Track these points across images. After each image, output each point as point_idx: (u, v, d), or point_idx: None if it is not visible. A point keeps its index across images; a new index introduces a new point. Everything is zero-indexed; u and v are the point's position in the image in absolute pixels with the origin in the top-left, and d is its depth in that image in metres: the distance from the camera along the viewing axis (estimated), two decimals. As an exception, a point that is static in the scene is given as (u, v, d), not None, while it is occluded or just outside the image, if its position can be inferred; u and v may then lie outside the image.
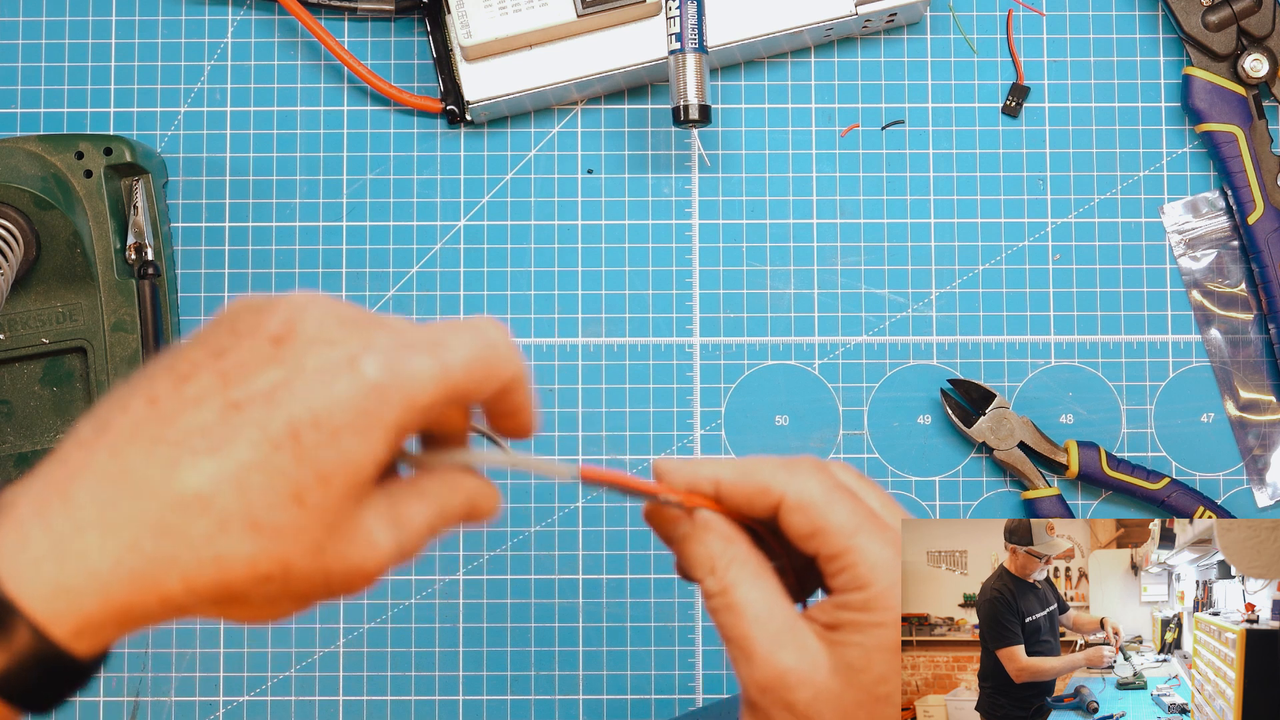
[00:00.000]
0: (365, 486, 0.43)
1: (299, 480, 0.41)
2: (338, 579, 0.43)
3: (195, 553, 0.41)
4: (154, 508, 0.41)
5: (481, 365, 0.44)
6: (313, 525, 0.42)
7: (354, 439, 0.42)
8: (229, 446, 0.41)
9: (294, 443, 0.41)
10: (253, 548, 0.41)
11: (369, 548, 0.43)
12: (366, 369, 0.42)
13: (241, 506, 0.41)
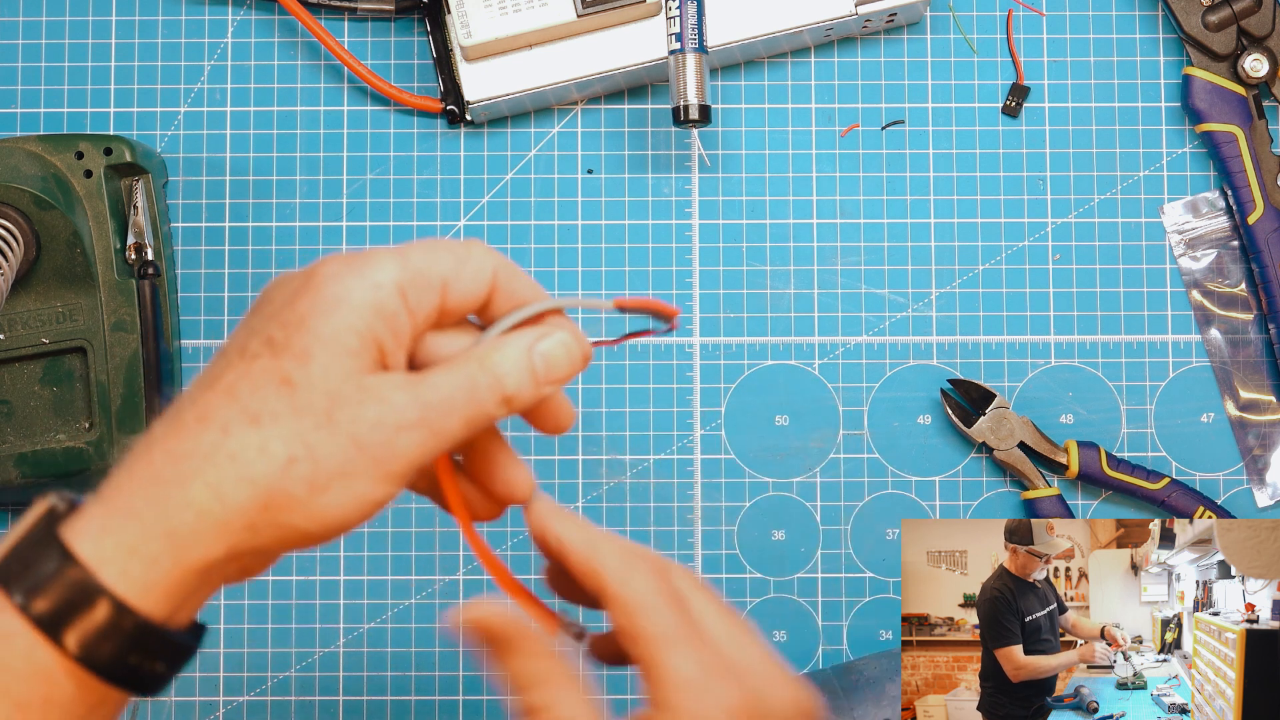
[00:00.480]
0: (355, 355, 0.46)
1: (280, 368, 0.45)
2: (367, 438, 0.45)
3: (208, 459, 0.44)
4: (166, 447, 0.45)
5: (442, 249, 0.48)
6: (310, 401, 0.45)
7: (320, 318, 0.45)
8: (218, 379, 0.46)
9: (269, 346, 0.46)
10: (258, 437, 0.44)
11: (379, 404, 0.45)
12: (323, 268, 0.47)
13: (238, 409, 0.45)
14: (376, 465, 0.45)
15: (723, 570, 0.81)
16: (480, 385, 0.47)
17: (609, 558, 0.50)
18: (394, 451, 0.45)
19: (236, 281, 0.83)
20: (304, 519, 0.45)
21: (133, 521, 0.44)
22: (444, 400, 0.46)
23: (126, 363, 0.77)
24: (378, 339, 0.46)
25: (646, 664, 0.49)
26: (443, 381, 0.47)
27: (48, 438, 0.77)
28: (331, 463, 0.45)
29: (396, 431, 0.45)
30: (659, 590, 0.49)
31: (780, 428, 0.82)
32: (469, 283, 0.48)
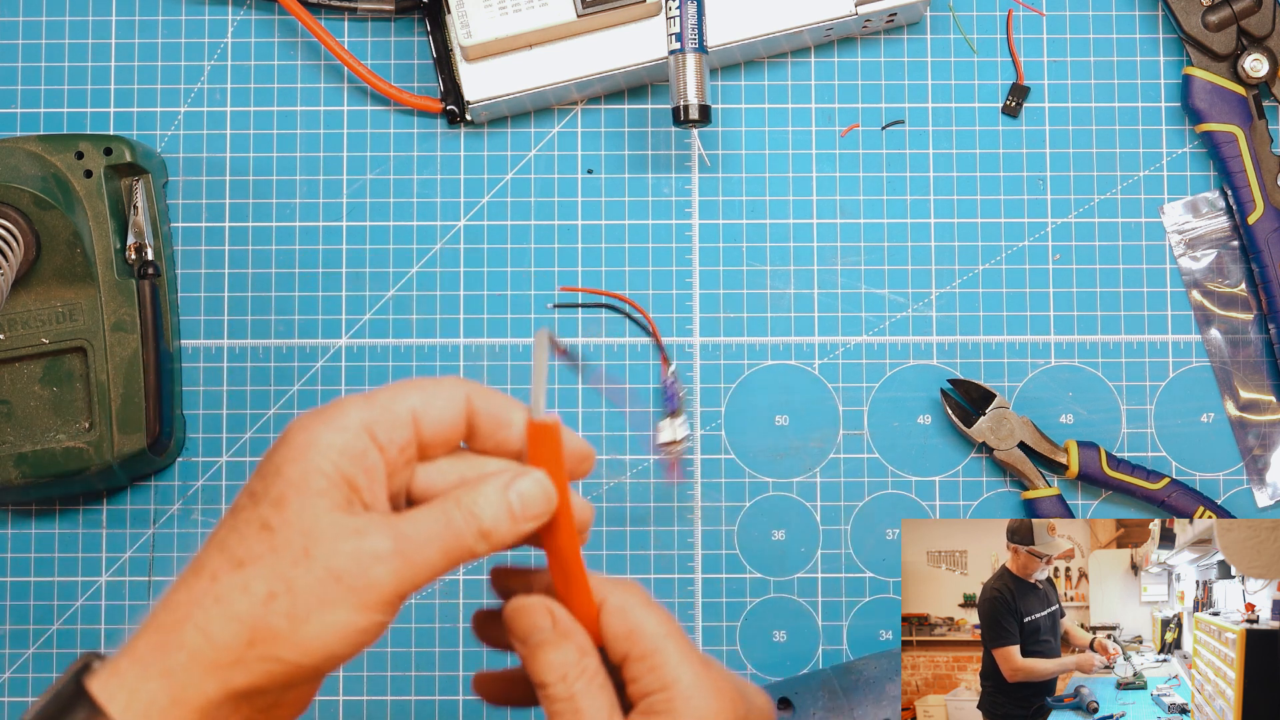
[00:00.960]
0: (325, 495, 0.49)
1: (259, 515, 0.49)
2: (343, 570, 0.48)
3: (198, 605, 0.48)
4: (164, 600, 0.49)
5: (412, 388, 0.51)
6: (288, 541, 0.48)
7: (293, 465, 0.49)
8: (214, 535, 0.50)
9: (251, 497, 0.49)
10: (241, 577, 0.48)
11: (355, 539, 0.48)
12: (294, 422, 0.50)
13: (225, 557, 0.49)
14: (354, 594, 0.48)
15: (723, 570, 0.81)
16: (457, 523, 0.50)
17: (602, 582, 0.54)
18: (370, 581, 0.48)
19: (236, 281, 0.83)
20: (289, 650, 0.48)
21: (136, 666, 0.48)
22: (420, 534, 0.49)
23: (126, 363, 0.77)
24: (347, 478, 0.49)
25: (648, 654, 0.52)
26: (421, 517, 0.50)
27: (48, 438, 0.77)
28: (310, 595, 0.48)
29: (373, 562, 0.48)
30: (650, 600, 0.54)
31: (780, 428, 0.82)
32: (441, 411, 0.52)
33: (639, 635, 0.53)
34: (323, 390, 0.82)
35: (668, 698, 0.52)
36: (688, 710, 0.52)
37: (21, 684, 0.81)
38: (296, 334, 0.82)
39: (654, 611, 0.53)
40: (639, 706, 0.52)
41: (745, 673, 0.81)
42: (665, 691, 0.52)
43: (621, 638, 0.53)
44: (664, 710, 0.52)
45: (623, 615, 0.53)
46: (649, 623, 0.53)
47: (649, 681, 0.52)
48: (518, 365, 0.82)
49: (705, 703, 0.52)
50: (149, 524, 0.82)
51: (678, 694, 0.52)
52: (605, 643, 0.53)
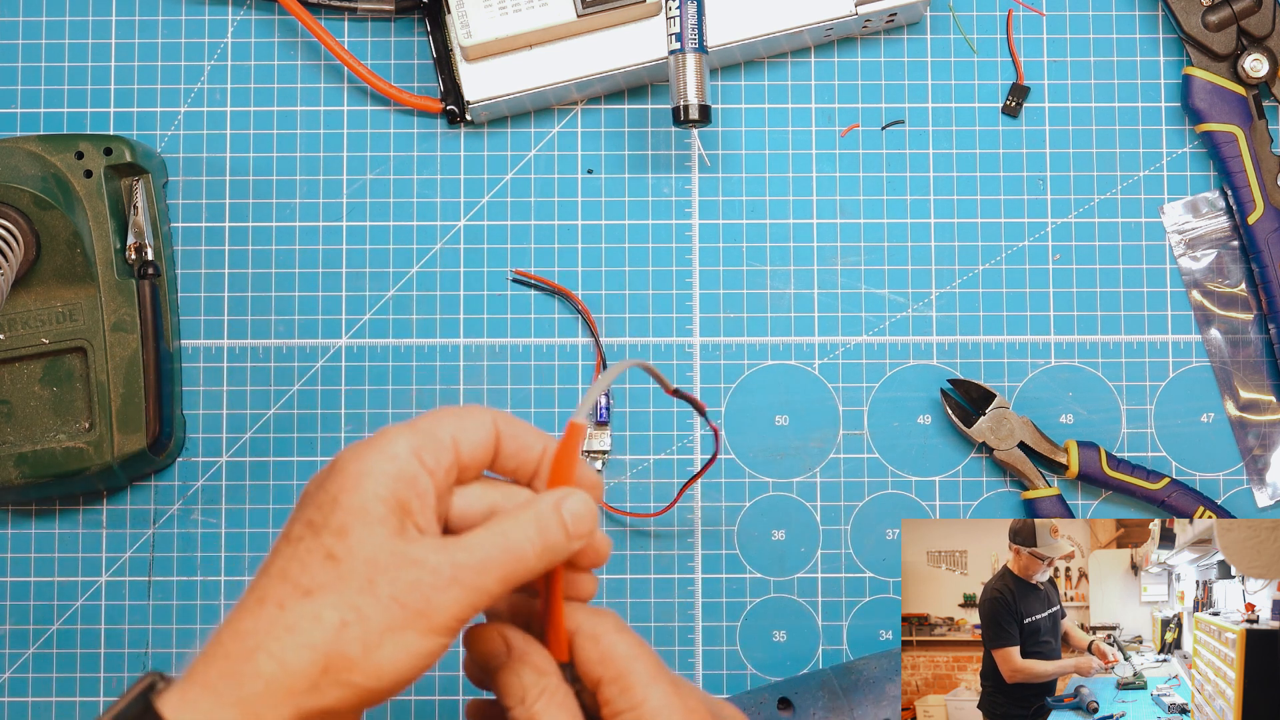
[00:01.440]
0: (385, 523, 0.50)
1: (322, 545, 0.50)
2: (414, 602, 0.50)
3: (269, 634, 0.49)
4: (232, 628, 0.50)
5: (449, 416, 0.53)
6: (353, 570, 0.50)
7: (350, 495, 0.51)
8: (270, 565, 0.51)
9: (310, 528, 0.51)
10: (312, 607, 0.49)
11: (417, 567, 0.50)
12: (343, 454, 0.52)
13: (290, 586, 0.50)
14: (421, 619, 0.50)
15: (723, 570, 0.81)
16: (517, 546, 0.52)
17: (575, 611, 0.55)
18: (435, 608, 0.50)
19: (236, 281, 0.83)
20: (363, 676, 0.50)
21: (208, 693, 0.49)
22: (479, 560, 0.51)
23: (126, 363, 0.77)
24: (403, 502, 0.51)
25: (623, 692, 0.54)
26: (477, 543, 0.52)
27: (48, 438, 0.77)
28: (380, 622, 0.49)
29: (434, 591, 0.50)
30: (623, 627, 0.55)
31: (780, 428, 0.82)
32: (475, 435, 0.54)
33: (610, 659, 0.54)
34: (322, 390, 0.82)
35: (636, 716, 0.53)
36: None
37: (21, 684, 0.81)
38: (296, 334, 0.82)
39: (625, 636, 0.55)
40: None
41: (745, 673, 0.81)
42: (634, 711, 0.53)
43: (595, 663, 0.54)
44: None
45: (595, 641, 0.54)
46: (620, 646, 0.54)
47: (619, 702, 0.53)
48: (518, 365, 0.82)
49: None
50: (149, 524, 0.82)
51: (646, 712, 0.53)
52: (580, 668, 0.54)
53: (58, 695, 0.81)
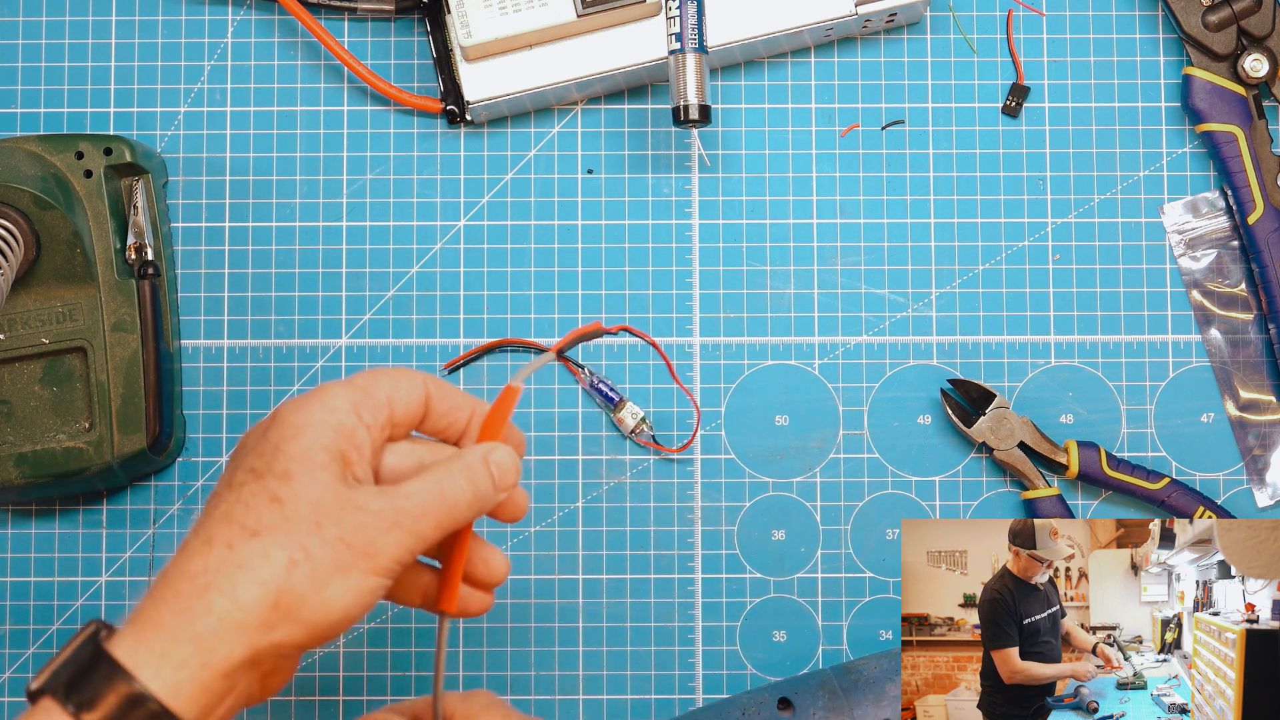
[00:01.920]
0: (327, 469, 0.53)
1: (266, 489, 0.52)
2: (352, 537, 0.52)
3: (219, 573, 0.51)
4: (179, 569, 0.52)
5: (384, 375, 0.56)
6: (298, 512, 0.52)
7: (292, 442, 0.53)
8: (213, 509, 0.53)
9: (253, 473, 0.53)
10: (260, 545, 0.51)
11: (359, 511, 0.52)
12: (286, 406, 0.54)
13: (237, 527, 0.52)
14: (365, 559, 0.52)
15: (723, 570, 0.81)
16: (450, 492, 0.55)
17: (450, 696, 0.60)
18: (378, 548, 0.52)
19: (236, 281, 0.83)
20: (312, 612, 0.52)
21: (162, 633, 0.51)
22: (417, 506, 0.54)
23: (126, 363, 0.77)
24: (342, 452, 0.54)
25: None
26: (414, 490, 0.54)
27: (48, 438, 0.77)
28: (327, 561, 0.52)
29: (377, 533, 0.53)
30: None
31: (780, 428, 0.82)
32: (408, 394, 0.57)
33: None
34: (323, 390, 0.82)
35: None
36: None
37: (21, 684, 0.81)
38: (296, 334, 0.82)
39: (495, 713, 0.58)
40: None
41: (745, 673, 0.81)
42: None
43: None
44: None
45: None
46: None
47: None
48: (517, 364, 0.82)
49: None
50: (149, 524, 0.82)
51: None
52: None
53: (58, 695, 0.81)
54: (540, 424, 0.82)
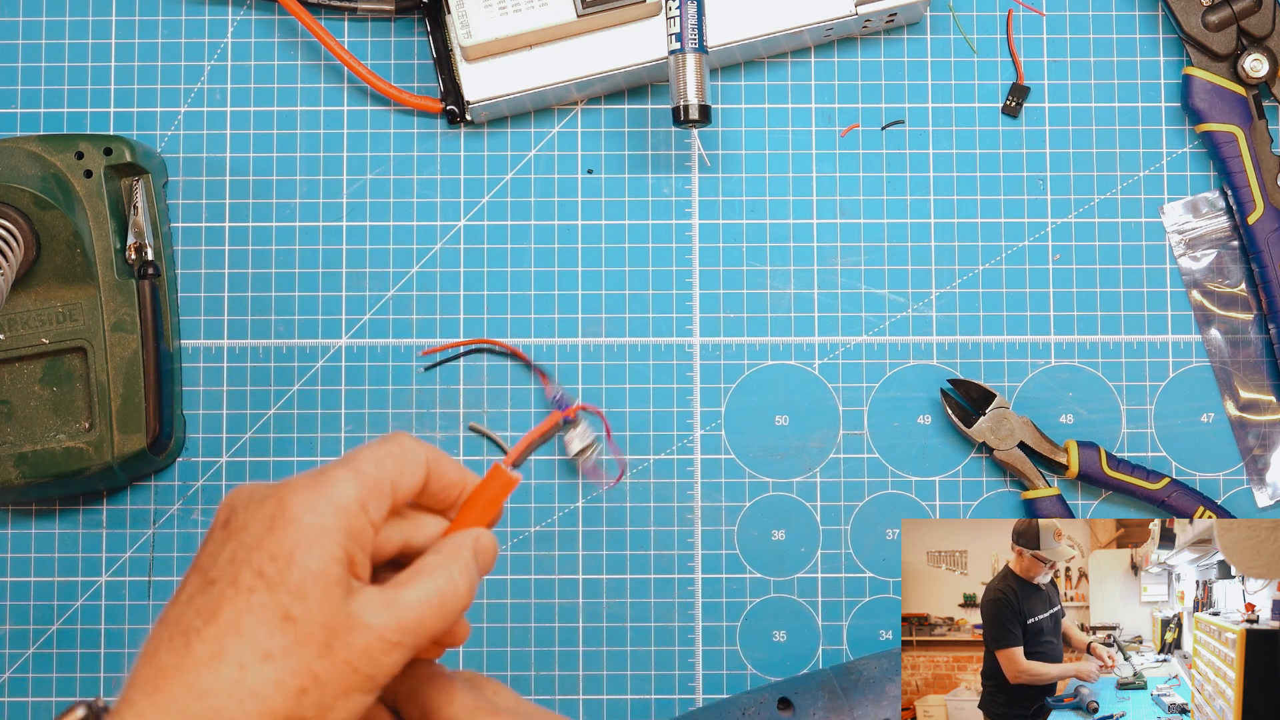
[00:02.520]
0: (339, 584, 0.52)
1: (279, 604, 0.51)
2: (362, 664, 0.52)
3: (232, 697, 0.50)
4: (185, 680, 0.50)
5: (388, 458, 0.54)
6: (311, 633, 0.51)
7: (306, 553, 0.51)
8: (218, 610, 0.51)
9: (262, 580, 0.51)
10: (274, 672, 0.50)
11: (366, 631, 0.52)
12: (292, 501, 0.52)
13: (249, 646, 0.50)
14: (368, 681, 0.52)
15: (723, 570, 0.81)
16: (447, 601, 0.54)
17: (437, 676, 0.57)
18: (380, 669, 0.52)
19: (236, 281, 0.83)
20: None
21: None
22: (418, 620, 0.53)
23: (126, 363, 0.77)
24: (351, 556, 0.53)
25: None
26: (414, 600, 0.53)
27: (48, 438, 0.77)
28: (334, 687, 0.51)
29: (381, 655, 0.52)
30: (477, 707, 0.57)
31: (780, 428, 0.82)
32: (410, 479, 0.55)
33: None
34: (322, 390, 0.82)
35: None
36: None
37: (21, 684, 0.81)
38: (296, 334, 0.82)
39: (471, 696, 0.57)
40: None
41: (745, 673, 0.81)
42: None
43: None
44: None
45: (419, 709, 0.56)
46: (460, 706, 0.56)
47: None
48: (517, 365, 0.82)
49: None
50: (149, 524, 0.82)
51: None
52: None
53: (58, 695, 0.81)
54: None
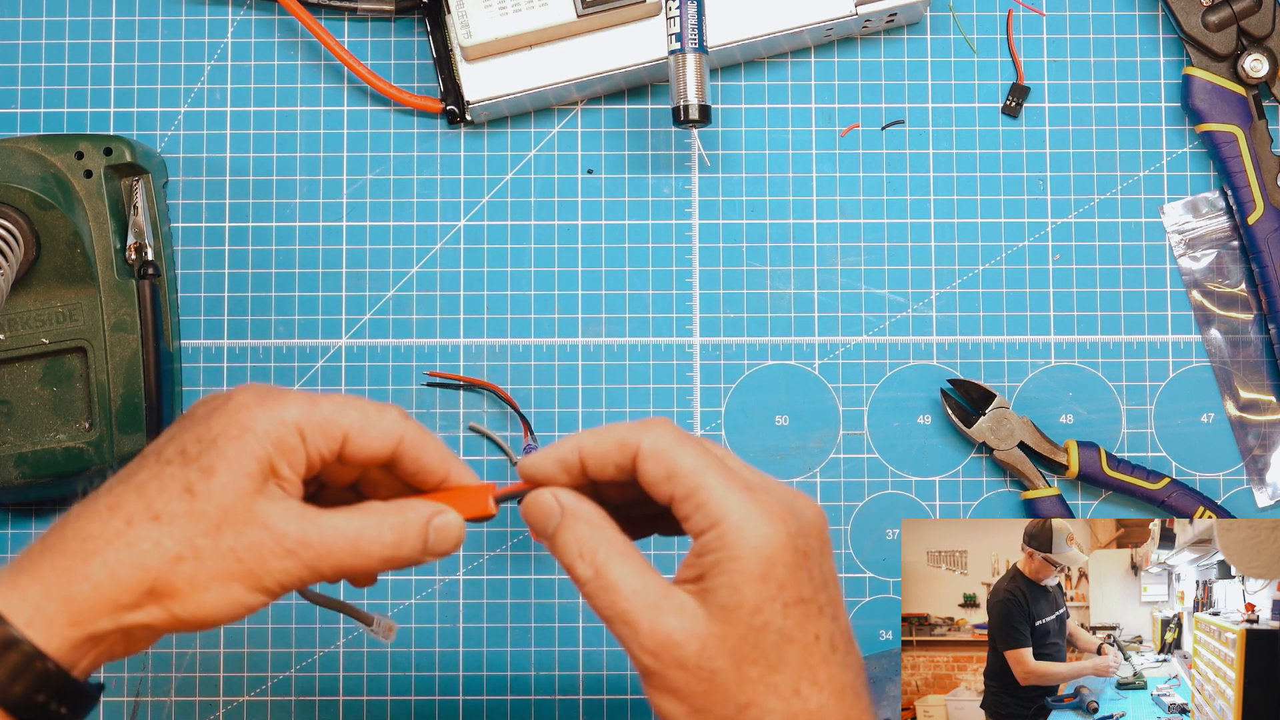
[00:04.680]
0: (252, 479, 0.52)
1: (185, 476, 0.52)
2: (249, 558, 0.52)
3: (110, 544, 0.52)
4: (78, 525, 0.53)
5: (352, 408, 0.55)
6: (205, 510, 0.52)
7: (228, 442, 0.53)
8: (133, 474, 0.54)
9: (181, 455, 0.53)
10: (156, 533, 0.52)
11: (264, 530, 0.52)
12: (238, 397, 0.54)
13: (143, 505, 0.52)
14: (250, 577, 0.52)
15: (723, 570, 0.81)
16: (366, 541, 0.54)
17: (630, 428, 0.55)
18: (266, 570, 0.52)
19: (236, 281, 0.83)
20: (181, 608, 0.52)
21: (38, 584, 0.52)
22: (323, 542, 0.53)
23: (126, 363, 0.77)
24: (274, 465, 0.53)
25: (690, 493, 0.53)
26: (330, 524, 0.53)
27: (48, 438, 0.77)
28: (212, 567, 0.52)
29: (270, 557, 0.52)
30: (683, 437, 0.55)
31: (780, 428, 0.82)
32: (371, 440, 0.55)
33: (679, 475, 0.54)
34: (322, 390, 0.82)
35: (719, 534, 0.53)
36: (739, 542, 0.53)
37: (21, 684, 0.81)
38: (296, 334, 0.82)
39: (689, 447, 0.54)
40: (694, 546, 0.54)
41: (745, 673, 0.81)
42: (715, 529, 0.53)
43: (662, 481, 0.54)
44: (718, 548, 0.53)
45: (658, 459, 0.54)
46: (686, 460, 0.54)
47: (698, 520, 0.53)
48: (517, 365, 0.82)
49: (756, 530, 0.53)
50: (149, 524, 0.82)
51: (728, 529, 0.53)
52: (648, 488, 0.54)
53: (58, 695, 0.81)
54: (541, 424, 0.82)
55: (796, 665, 0.53)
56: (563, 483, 0.56)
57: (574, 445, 0.56)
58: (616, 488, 0.57)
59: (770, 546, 0.53)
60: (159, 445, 0.54)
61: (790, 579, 0.53)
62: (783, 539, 0.53)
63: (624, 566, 0.53)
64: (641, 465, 0.54)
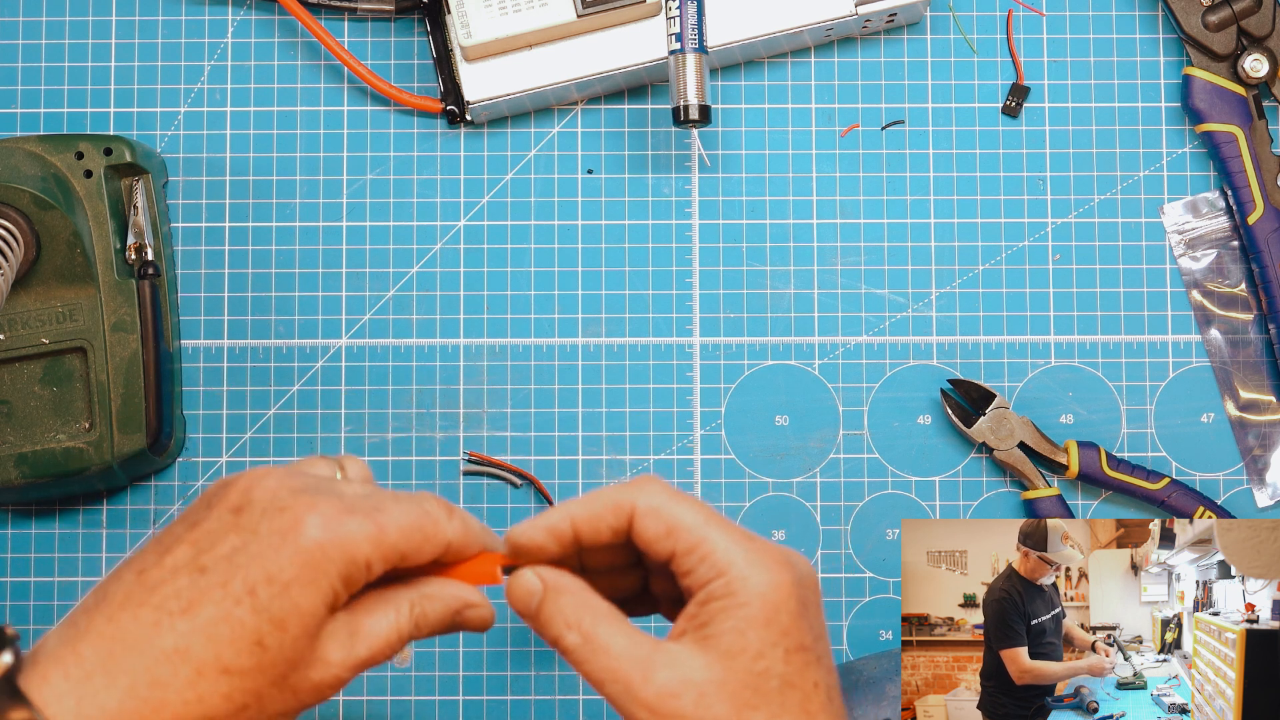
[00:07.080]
0: (319, 625, 0.51)
1: (258, 628, 0.50)
2: (306, 695, 0.52)
3: (180, 695, 0.50)
4: (143, 662, 0.50)
5: (416, 531, 0.53)
6: (274, 662, 0.51)
7: (302, 590, 0.51)
8: (198, 606, 0.50)
9: (251, 598, 0.50)
10: (227, 686, 0.50)
11: (325, 668, 0.52)
12: (310, 531, 0.51)
13: (213, 655, 0.50)
14: (301, 707, 0.53)
15: (723, 570, 0.81)
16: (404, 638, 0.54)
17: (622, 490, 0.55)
18: (320, 697, 0.53)
19: (236, 281, 0.83)
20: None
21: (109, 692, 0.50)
22: (371, 655, 0.53)
23: (126, 363, 0.77)
24: (339, 597, 0.52)
25: (694, 547, 0.54)
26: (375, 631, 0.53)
27: (48, 438, 0.77)
28: (273, 709, 0.52)
29: (326, 687, 0.52)
30: (675, 492, 0.55)
31: (780, 428, 0.82)
32: (424, 554, 0.54)
33: (680, 530, 0.54)
34: (322, 390, 0.82)
35: (725, 582, 0.53)
36: (746, 589, 0.53)
37: (21, 684, 0.81)
38: (296, 334, 0.82)
39: (685, 502, 0.55)
40: (697, 597, 0.54)
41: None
42: (722, 577, 0.53)
43: (662, 538, 0.54)
44: (723, 594, 0.53)
45: (656, 516, 0.54)
46: (685, 515, 0.54)
47: (704, 571, 0.53)
48: (518, 365, 0.82)
49: (762, 577, 0.53)
50: (149, 524, 0.82)
51: (735, 576, 0.53)
52: (646, 546, 0.55)
53: (58, 695, 0.81)
54: (540, 424, 0.82)
55: (796, 712, 0.53)
56: (552, 551, 0.56)
57: (564, 514, 0.56)
58: (603, 552, 0.58)
59: (777, 593, 0.53)
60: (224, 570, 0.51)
61: (793, 626, 0.53)
62: (788, 587, 0.53)
63: (611, 628, 0.54)
64: (639, 524, 0.55)
